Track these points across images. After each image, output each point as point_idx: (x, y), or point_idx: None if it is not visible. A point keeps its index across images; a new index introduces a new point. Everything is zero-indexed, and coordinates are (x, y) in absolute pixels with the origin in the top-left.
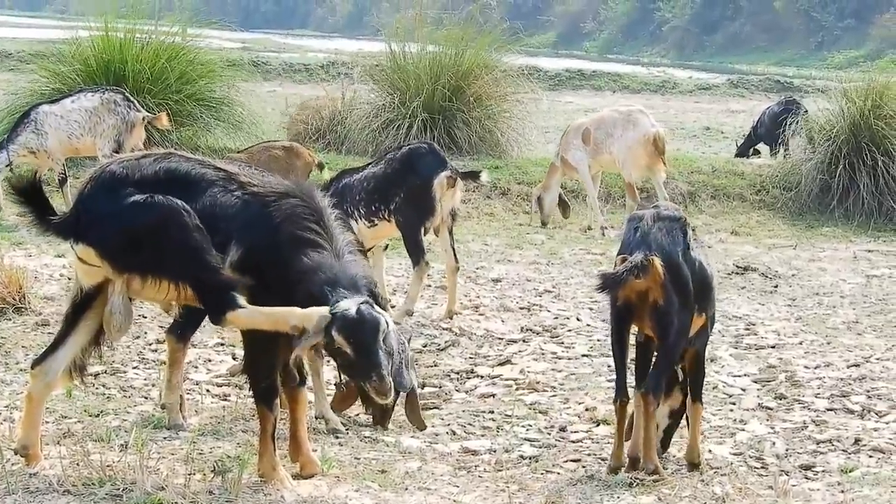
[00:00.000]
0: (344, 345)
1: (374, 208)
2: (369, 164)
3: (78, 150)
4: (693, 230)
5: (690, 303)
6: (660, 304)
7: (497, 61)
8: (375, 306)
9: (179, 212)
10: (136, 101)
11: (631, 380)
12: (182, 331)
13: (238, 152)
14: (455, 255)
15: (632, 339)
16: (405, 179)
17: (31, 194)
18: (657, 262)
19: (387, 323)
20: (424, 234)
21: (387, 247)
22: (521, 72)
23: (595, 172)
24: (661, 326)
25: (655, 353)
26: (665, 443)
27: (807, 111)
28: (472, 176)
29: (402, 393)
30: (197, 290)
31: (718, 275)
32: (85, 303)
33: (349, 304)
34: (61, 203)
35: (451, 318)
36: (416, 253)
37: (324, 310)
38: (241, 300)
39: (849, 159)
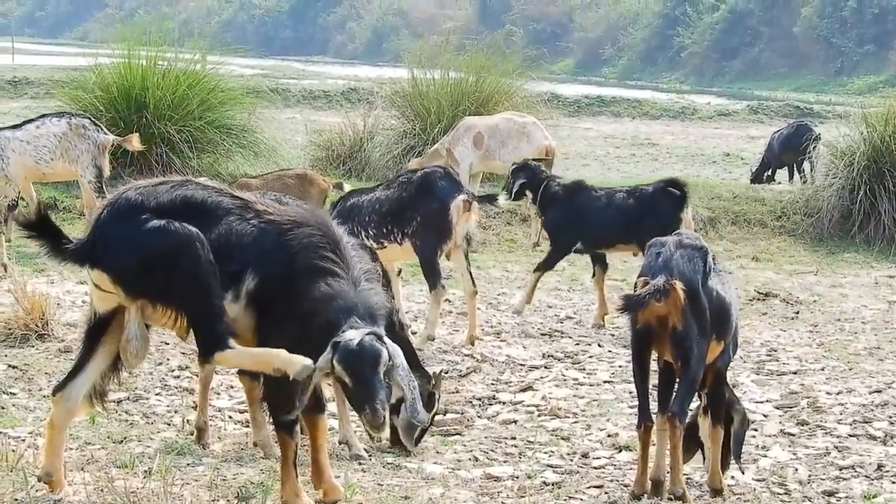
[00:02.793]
0: (343, 375)
1: (385, 230)
2: (378, 185)
3: (45, 175)
4: (714, 257)
5: (707, 330)
6: (679, 330)
7: (517, 88)
8: (383, 339)
9: (192, 241)
10: (102, 126)
11: (654, 406)
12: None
13: (251, 178)
14: (472, 279)
15: (653, 366)
16: (421, 204)
17: (41, 226)
18: (679, 286)
19: (390, 357)
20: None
21: (400, 271)
22: (541, 98)
23: (476, 173)
24: (681, 352)
25: (677, 379)
26: (724, 460)
27: (819, 136)
28: (489, 199)
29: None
30: (194, 324)
31: (739, 301)
32: (100, 328)
33: (354, 335)
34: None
35: (472, 345)
36: (433, 277)
37: (307, 360)
38: (232, 342)
39: (870, 185)
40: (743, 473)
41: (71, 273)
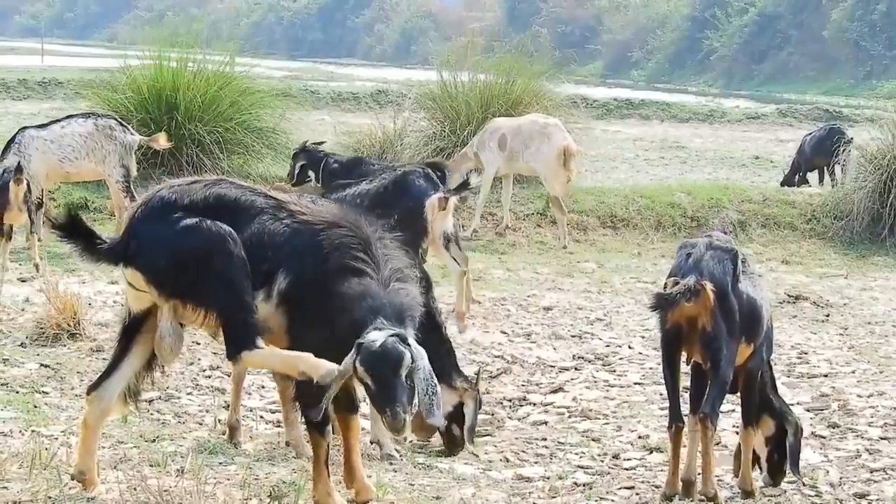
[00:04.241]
0: (365, 376)
1: None
2: (363, 179)
3: (69, 175)
4: (744, 261)
5: (736, 332)
6: (708, 331)
7: (547, 90)
8: (407, 340)
9: (226, 240)
10: (128, 126)
11: (685, 408)
12: None
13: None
14: (457, 260)
15: (685, 368)
16: (398, 201)
17: (73, 228)
18: (709, 286)
19: (413, 358)
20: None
21: None
22: (571, 101)
23: (506, 174)
24: (710, 353)
25: (708, 381)
26: (776, 475)
27: (852, 139)
28: (464, 186)
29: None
30: (224, 323)
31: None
32: (135, 327)
33: (377, 336)
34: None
35: (461, 321)
36: None
37: (332, 365)
38: (261, 342)
39: None
40: (804, 485)
41: (102, 273)
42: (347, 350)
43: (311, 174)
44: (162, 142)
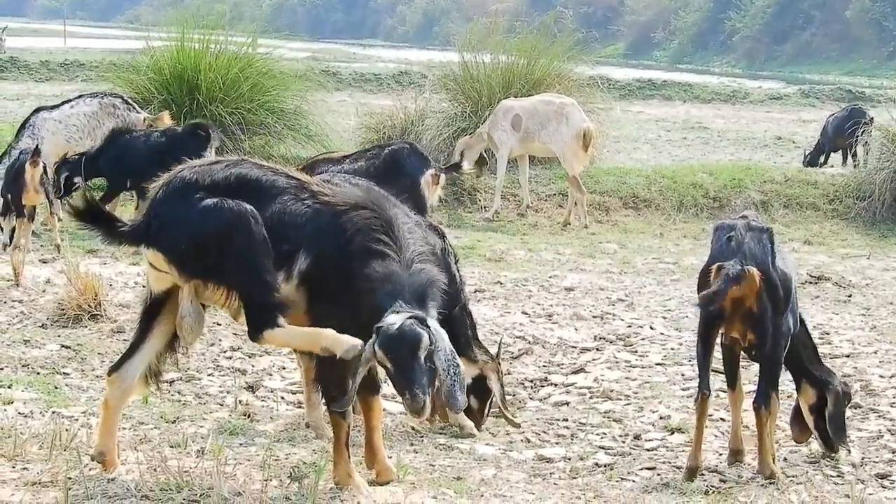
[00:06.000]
0: (384, 360)
1: None
2: (346, 156)
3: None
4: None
5: (781, 308)
6: (754, 311)
7: (569, 71)
8: (426, 322)
9: (248, 219)
10: (135, 104)
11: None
12: None
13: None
14: None
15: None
16: (394, 180)
17: (92, 214)
18: (755, 272)
19: (431, 341)
20: None
21: None
22: (592, 81)
23: (521, 154)
24: (757, 333)
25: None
26: (829, 443)
27: (872, 119)
28: (455, 168)
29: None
30: (245, 301)
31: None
32: (156, 308)
33: (395, 320)
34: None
35: None
36: None
37: (355, 340)
38: (282, 320)
39: None
40: (850, 453)
41: (123, 254)
42: (367, 333)
43: (78, 179)
44: (166, 120)
